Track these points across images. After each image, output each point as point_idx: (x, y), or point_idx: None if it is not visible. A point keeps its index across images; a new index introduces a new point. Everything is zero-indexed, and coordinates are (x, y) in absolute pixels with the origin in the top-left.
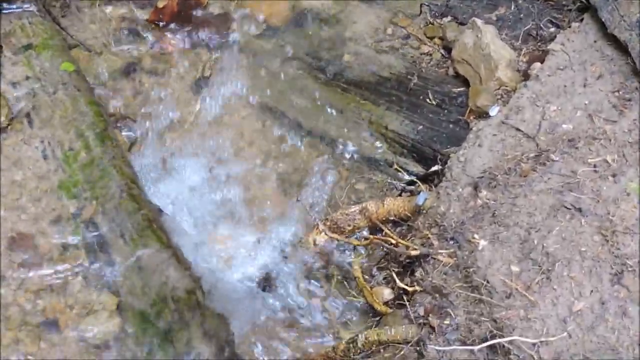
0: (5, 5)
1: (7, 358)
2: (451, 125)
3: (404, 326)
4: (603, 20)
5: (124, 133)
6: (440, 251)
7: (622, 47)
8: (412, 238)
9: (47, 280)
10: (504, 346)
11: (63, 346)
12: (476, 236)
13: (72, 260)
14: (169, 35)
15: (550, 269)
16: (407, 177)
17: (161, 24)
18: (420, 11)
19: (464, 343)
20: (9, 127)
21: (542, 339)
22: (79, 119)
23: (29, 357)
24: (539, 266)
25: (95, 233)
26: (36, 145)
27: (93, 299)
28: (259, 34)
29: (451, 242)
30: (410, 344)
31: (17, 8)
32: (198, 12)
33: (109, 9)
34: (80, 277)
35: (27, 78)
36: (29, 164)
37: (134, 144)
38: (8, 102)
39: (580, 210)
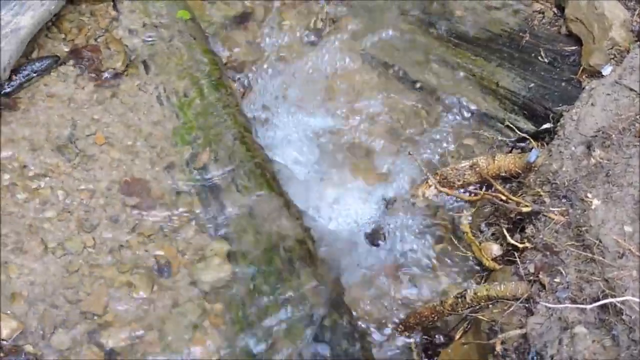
0: None
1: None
2: (563, 84)
3: (513, 283)
4: None
5: (237, 81)
6: (552, 209)
7: None
8: (523, 195)
9: (160, 225)
10: (616, 306)
11: (174, 291)
12: (589, 195)
13: (185, 205)
14: None
15: None
16: (518, 134)
17: None
18: None
19: (574, 302)
20: (125, 74)
21: None
22: (193, 67)
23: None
24: None
25: (209, 179)
26: (151, 92)
27: (205, 245)
28: None
29: (563, 201)
30: (519, 301)
31: None
32: None
33: None
34: (192, 223)
35: (144, 25)
36: (144, 109)
37: (247, 92)
38: (125, 49)
39: None
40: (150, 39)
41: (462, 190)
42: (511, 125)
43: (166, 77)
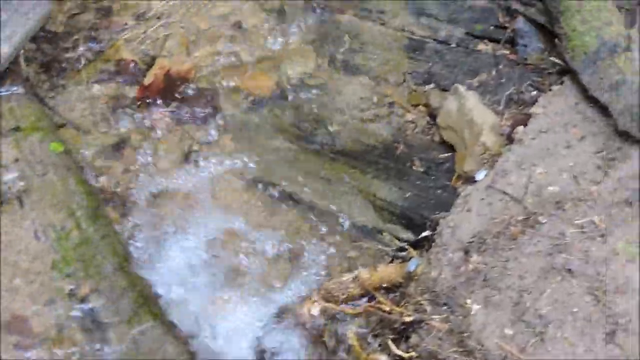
0: None
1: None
2: (439, 191)
3: None
4: (583, 82)
5: (115, 210)
6: (433, 316)
7: (603, 109)
8: (406, 304)
9: None
10: None
11: None
12: (468, 300)
13: (68, 341)
14: (156, 111)
15: (543, 330)
16: (397, 244)
17: (148, 100)
18: (404, 79)
19: None
20: (0, 210)
21: None
22: (69, 199)
23: None
24: (533, 328)
25: (91, 312)
26: (27, 227)
27: None
28: (246, 108)
29: (444, 307)
30: None
31: (5, 91)
32: (184, 88)
33: (96, 88)
34: (76, 357)
35: (17, 160)
36: (21, 245)
37: (125, 220)
38: None
39: (570, 271)
40: (23, 174)
41: (347, 304)
42: (390, 236)
43: (41, 211)
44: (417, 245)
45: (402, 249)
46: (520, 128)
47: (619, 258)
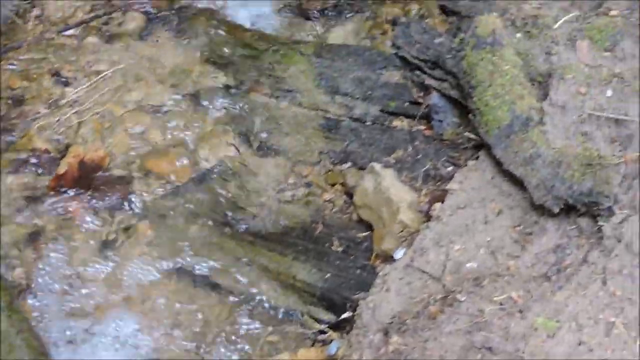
0: None
1: None
2: (358, 271)
3: None
4: (498, 157)
5: (30, 303)
6: None
7: (518, 183)
8: None
9: None
10: None
11: None
12: None
13: None
14: (71, 200)
15: None
16: (318, 327)
17: (63, 189)
18: (320, 158)
19: None
20: None
21: None
22: None
23: None
24: None
25: None
26: None
27: None
28: (162, 193)
29: None
30: None
31: None
32: (99, 176)
33: (9, 179)
34: None
35: None
36: None
37: (42, 315)
38: None
39: (490, 349)
40: None
41: None
42: (311, 319)
43: None
44: (338, 327)
45: (323, 332)
46: (438, 205)
47: (538, 333)
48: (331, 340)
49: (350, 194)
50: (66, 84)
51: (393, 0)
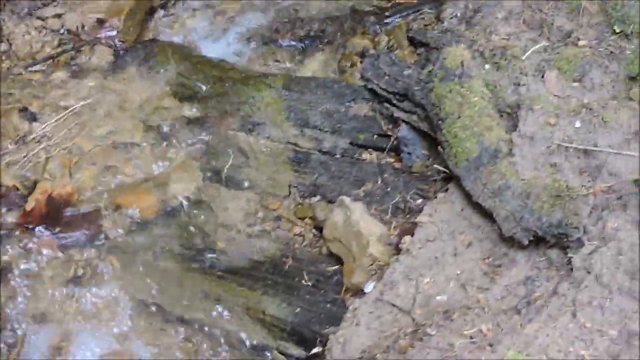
0: None
1: None
2: (328, 305)
3: None
4: (467, 189)
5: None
6: None
7: (487, 214)
8: None
9: None
10: None
11: None
12: None
13: None
14: (39, 236)
15: None
16: None
17: (31, 226)
18: (289, 192)
19: None
20: None
21: None
22: None
23: None
24: None
25: None
26: None
27: None
28: (131, 228)
29: None
30: None
31: None
32: (68, 211)
33: None
34: None
35: None
36: None
37: (13, 350)
38: None
39: None
40: None
41: None
42: (281, 354)
43: None
44: None
45: None
46: (408, 237)
47: None
48: None
49: (319, 228)
50: (34, 119)
51: (362, 32)
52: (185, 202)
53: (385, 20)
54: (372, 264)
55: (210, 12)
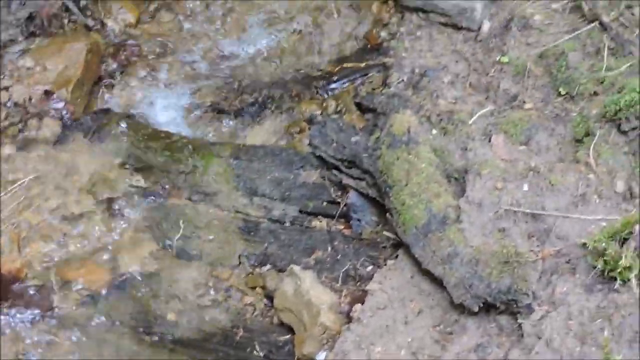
0: None
1: None
2: None
3: None
4: (416, 256)
5: None
6: None
7: (437, 281)
8: None
9: None
10: None
11: None
12: None
13: None
14: None
15: None
16: None
17: None
18: (240, 261)
19: None
20: None
21: None
22: None
23: None
24: None
25: None
26: None
27: None
28: (81, 303)
29: None
30: None
31: None
32: (17, 287)
33: None
34: None
35: None
36: None
37: None
38: None
39: None
40: None
41: None
42: None
43: None
44: None
45: None
46: (359, 306)
47: None
48: None
49: (270, 297)
50: None
51: (310, 97)
52: (135, 274)
53: (333, 85)
54: (323, 333)
55: (158, 82)
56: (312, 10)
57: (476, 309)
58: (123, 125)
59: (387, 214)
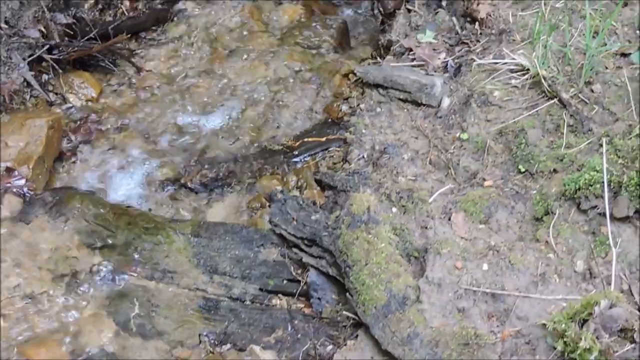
0: None
1: None
2: None
3: None
4: (376, 336)
5: None
6: None
7: None
8: None
9: None
10: None
11: None
12: None
13: None
14: None
15: None
16: None
17: None
18: (200, 341)
19: None
20: None
21: None
22: None
23: None
24: None
25: None
26: None
27: None
28: None
29: None
30: None
31: None
32: None
33: None
34: None
35: None
36: None
37: None
38: None
39: None
40: None
41: None
42: None
43: None
44: None
45: None
46: None
47: None
48: None
49: None
50: None
51: (271, 172)
52: (95, 354)
53: (294, 160)
54: None
55: (119, 157)
56: (272, 83)
57: None
58: (83, 202)
59: (347, 294)
